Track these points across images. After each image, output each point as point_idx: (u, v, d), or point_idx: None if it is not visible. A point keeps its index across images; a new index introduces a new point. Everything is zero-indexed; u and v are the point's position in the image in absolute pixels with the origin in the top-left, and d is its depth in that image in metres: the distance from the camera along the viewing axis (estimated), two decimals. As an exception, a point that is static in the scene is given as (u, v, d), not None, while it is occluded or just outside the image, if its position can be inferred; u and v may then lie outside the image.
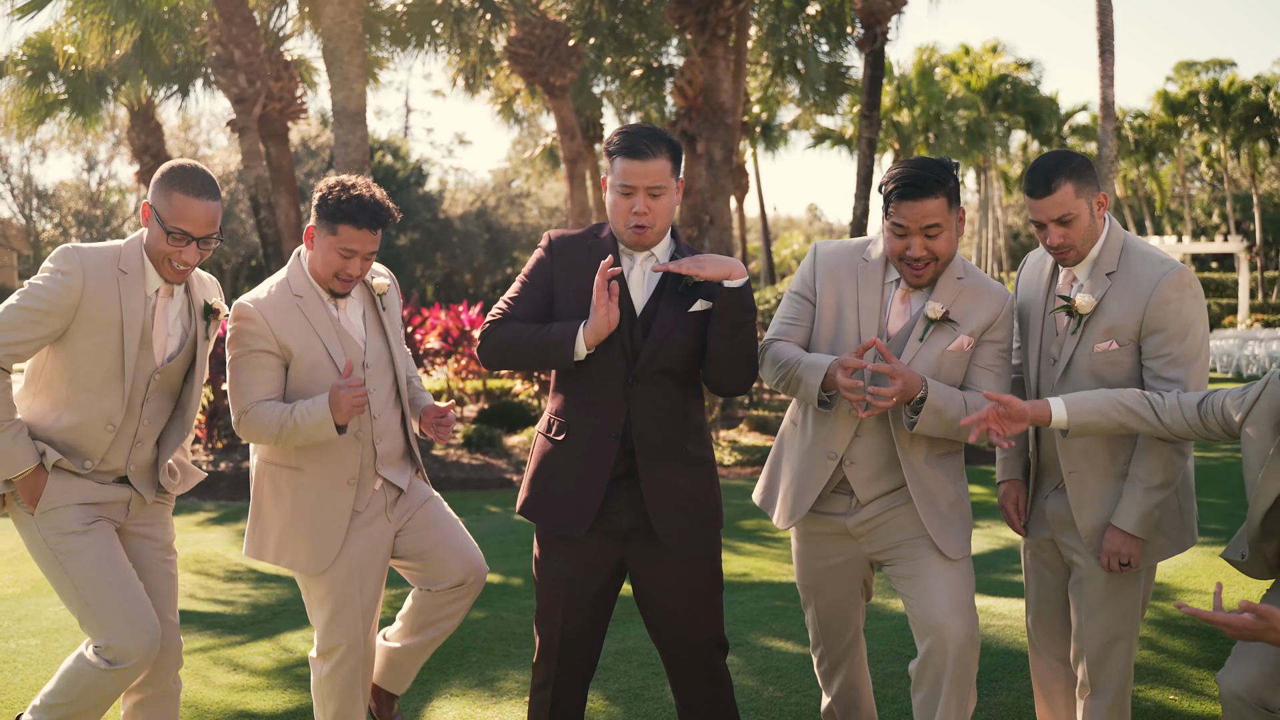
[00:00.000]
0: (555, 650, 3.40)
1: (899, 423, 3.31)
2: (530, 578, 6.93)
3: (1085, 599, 3.40)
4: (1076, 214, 3.27)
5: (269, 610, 6.47)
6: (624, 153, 3.21)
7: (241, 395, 3.48)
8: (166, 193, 3.36)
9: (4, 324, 3.32)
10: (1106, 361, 3.33)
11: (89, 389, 3.43)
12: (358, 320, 3.64)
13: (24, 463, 3.36)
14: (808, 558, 3.60)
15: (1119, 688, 3.40)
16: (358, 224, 3.41)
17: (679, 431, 3.34)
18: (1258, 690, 3.10)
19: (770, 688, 4.82)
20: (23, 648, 5.80)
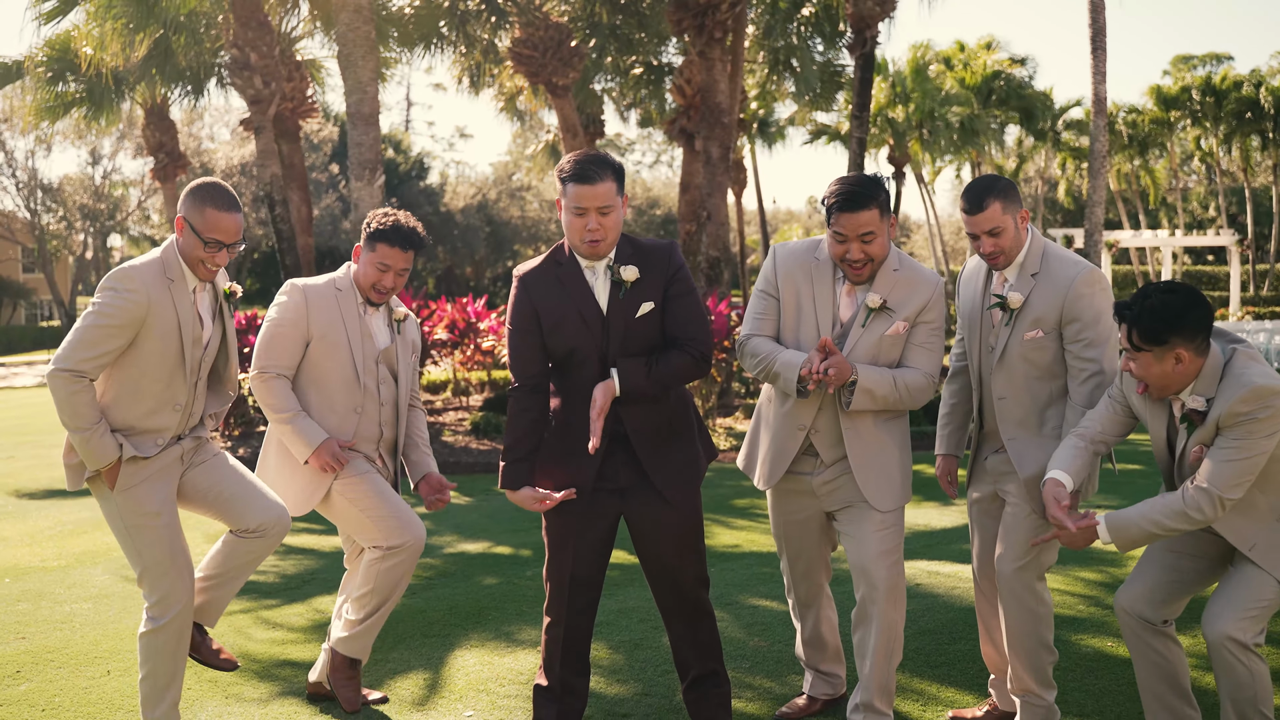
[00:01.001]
0: (565, 593, 3.98)
1: (842, 400, 3.93)
2: (537, 549, 7.51)
3: (1011, 536, 3.99)
4: (1004, 227, 3.88)
5: (298, 578, 7.03)
6: (575, 179, 3.77)
7: (265, 355, 4.34)
8: (199, 208, 3.95)
9: (85, 342, 3.89)
10: (1034, 347, 3.93)
11: (159, 380, 4.02)
12: (382, 327, 4.50)
13: (109, 457, 3.96)
14: (779, 512, 4.24)
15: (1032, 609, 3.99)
16: (392, 243, 4.30)
17: (662, 405, 3.93)
18: (1140, 606, 3.69)
19: (755, 638, 5.42)
20: (77, 610, 6.37)
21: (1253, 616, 3.51)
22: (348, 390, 4.37)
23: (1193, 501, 3.43)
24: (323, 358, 4.34)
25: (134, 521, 4.03)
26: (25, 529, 8.93)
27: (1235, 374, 3.45)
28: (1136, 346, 3.45)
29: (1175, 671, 3.75)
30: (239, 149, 49.56)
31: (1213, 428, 3.47)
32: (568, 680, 4.02)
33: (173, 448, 4.13)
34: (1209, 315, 3.46)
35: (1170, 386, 3.50)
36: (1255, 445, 3.39)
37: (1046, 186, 53.85)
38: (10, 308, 59.39)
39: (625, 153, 59.05)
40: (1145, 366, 3.46)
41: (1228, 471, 3.40)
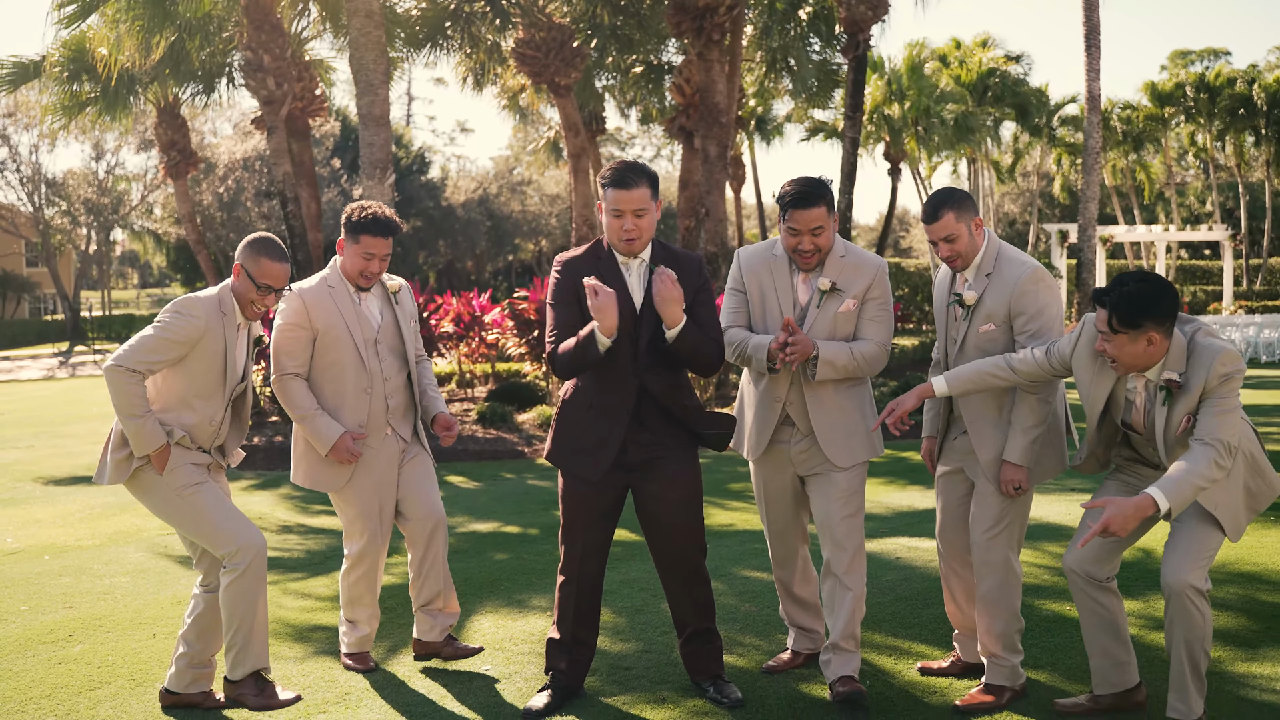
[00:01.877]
0: (578, 555, 4.48)
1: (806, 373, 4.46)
2: (543, 528, 8.00)
3: (980, 510, 4.47)
4: (958, 234, 4.39)
5: (320, 555, 7.53)
6: (614, 184, 4.31)
7: (281, 360, 4.82)
8: (255, 259, 4.55)
9: (146, 348, 4.46)
10: (988, 339, 4.43)
11: (201, 396, 4.59)
12: (375, 309, 4.95)
13: (159, 440, 4.48)
14: (760, 480, 4.77)
15: (1002, 579, 4.45)
16: (374, 233, 4.78)
17: (676, 391, 4.46)
18: (1086, 565, 4.18)
19: (746, 604, 5.93)
20: (117, 584, 6.86)
21: (1205, 564, 3.99)
22: (356, 374, 4.86)
23: (1218, 453, 3.83)
24: (329, 349, 4.84)
25: (185, 491, 4.54)
26: (56, 512, 9.41)
27: (1204, 347, 3.92)
28: (1114, 329, 3.89)
29: (1116, 622, 4.24)
30: (241, 144, 49.90)
31: (1196, 395, 3.91)
32: (578, 633, 4.52)
33: (205, 457, 4.70)
34: (1177, 302, 3.93)
35: (1139, 364, 3.95)
36: (1234, 400, 3.91)
37: (1044, 182, 54.25)
38: (14, 302, 59.72)
39: (626, 147, 59.43)
40: (1120, 347, 3.91)
41: (1228, 422, 3.86)
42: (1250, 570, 6.32)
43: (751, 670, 4.92)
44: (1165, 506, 3.79)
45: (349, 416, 4.86)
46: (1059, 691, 4.57)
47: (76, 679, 5.06)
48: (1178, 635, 3.99)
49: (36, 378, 29.37)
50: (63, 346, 46.46)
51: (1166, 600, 3.99)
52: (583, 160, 20.82)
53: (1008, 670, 4.46)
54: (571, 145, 20.76)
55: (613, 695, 4.66)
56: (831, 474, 4.52)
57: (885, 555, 6.87)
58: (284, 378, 4.83)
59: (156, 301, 78.61)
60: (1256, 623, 5.40)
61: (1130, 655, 4.28)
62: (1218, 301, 40.64)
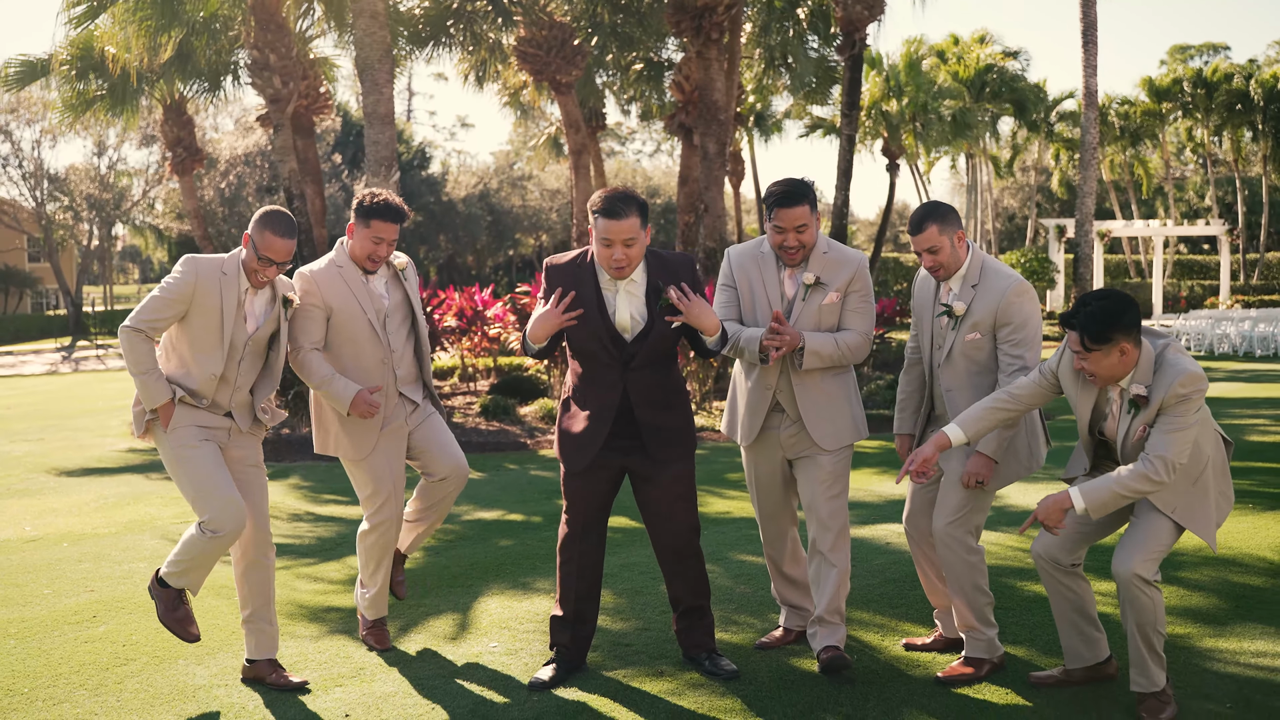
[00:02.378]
0: (578, 534, 4.75)
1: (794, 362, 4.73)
2: (546, 516, 8.26)
3: (945, 497, 4.73)
4: (940, 246, 4.63)
5: (331, 541, 7.79)
6: (604, 214, 4.53)
7: (297, 337, 5.03)
8: (261, 231, 4.75)
9: (149, 308, 4.74)
10: (973, 347, 4.68)
11: (201, 351, 4.81)
12: (382, 287, 5.18)
13: (163, 397, 4.75)
14: (752, 465, 5.04)
15: (964, 560, 4.71)
16: (384, 218, 5.00)
17: (662, 391, 4.74)
18: (1052, 552, 4.44)
19: (741, 586, 6.21)
20: (135, 569, 7.11)
21: (1154, 558, 4.24)
22: (372, 347, 5.11)
23: (1152, 469, 4.08)
24: (344, 325, 5.08)
25: (181, 453, 4.78)
26: (70, 502, 9.65)
27: (1170, 363, 4.16)
28: (1087, 348, 4.14)
29: (1084, 602, 4.50)
30: (242, 140, 50.09)
31: (1155, 409, 4.16)
32: (581, 609, 4.79)
33: (220, 420, 4.89)
34: (1138, 313, 4.18)
35: (1116, 376, 4.20)
36: (1190, 420, 4.11)
37: (1043, 176, 54.46)
38: (16, 297, 59.89)
39: (626, 141, 59.68)
40: (1096, 362, 4.15)
41: (1177, 441, 4.09)
42: (1224, 555, 6.59)
43: (745, 646, 5.18)
44: (1080, 506, 4.15)
45: (372, 385, 5.12)
46: (1037, 665, 4.83)
47: (103, 656, 5.31)
48: (1130, 618, 4.25)
49: (40, 372, 29.57)
50: (65, 342, 46.58)
51: (1118, 587, 4.25)
52: (583, 157, 21.05)
53: (985, 643, 4.72)
54: (572, 142, 21.00)
55: (614, 669, 4.92)
56: (818, 457, 4.78)
57: (876, 540, 7.13)
58: (300, 352, 5.06)
59: (157, 297, 78.68)
60: (1226, 602, 5.68)
61: (1099, 632, 4.54)
62: (1215, 296, 40.88)
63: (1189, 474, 4.26)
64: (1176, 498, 4.25)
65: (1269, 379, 18.61)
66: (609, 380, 4.68)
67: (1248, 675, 4.69)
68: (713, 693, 4.63)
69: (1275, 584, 6.02)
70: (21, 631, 5.75)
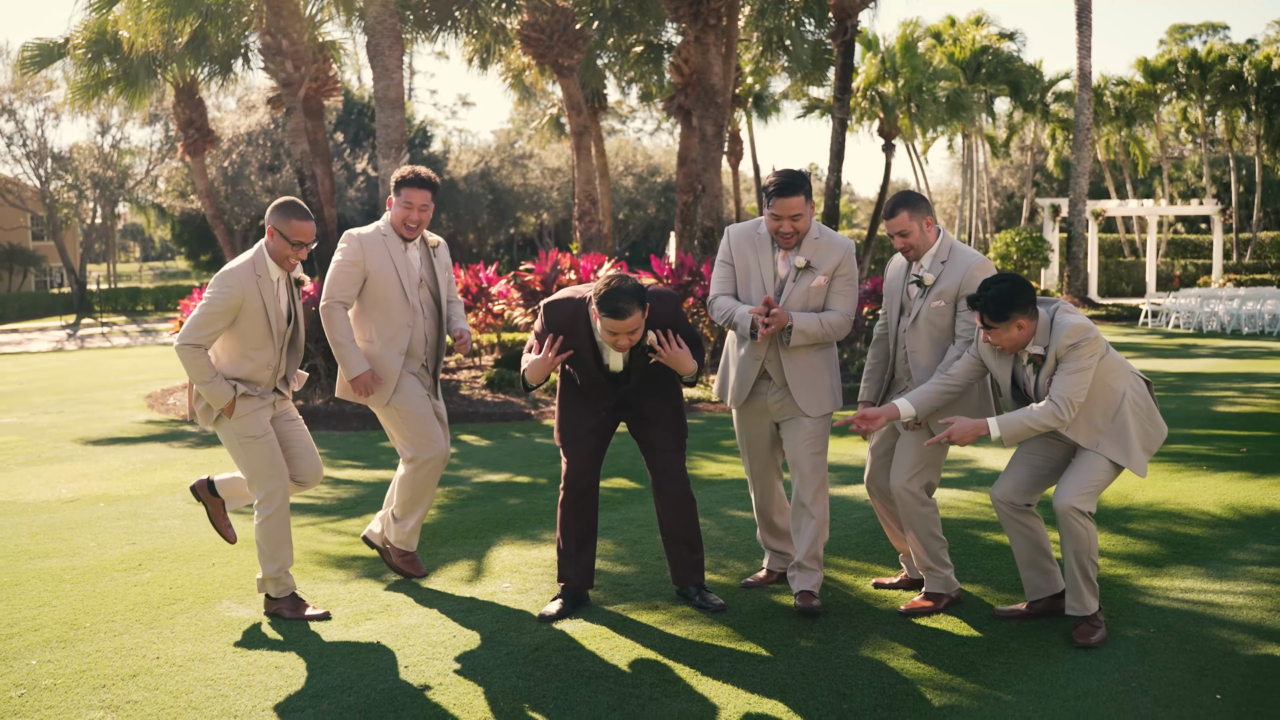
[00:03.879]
0: (576, 461, 5.35)
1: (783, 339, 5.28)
2: (550, 478, 8.84)
3: (901, 457, 5.30)
4: (910, 230, 5.19)
5: (350, 500, 8.37)
6: (608, 314, 4.91)
7: (331, 288, 5.68)
8: (286, 220, 5.34)
9: (199, 324, 5.32)
10: (937, 314, 5.22)
11: (255, 348, 5.44)
12: (415, 259, 5.82)
13: (227, 397, 5.37)
14: (742, 425, 5.60)
15: (920, 511, 5.27)
16: (414, 186, 5.72)
17: (655, 386, 5.36)
18: (1009, 495, 5.02)
19: (731, 536, 6.81)
20: (171, 525, 7.69)
21: (1089, 493, 4.82)
22: (401, 309, 5.74)
23: (1055, 406, 4.73)
24: (379, 287, 5.70)
25: (246, 440, 5.43)
26: (100, 468, 10.22)
27: (1058, 323, 4.80)
28: (987, 325, 4.78)
29: (1039, 539, 5.08)
30: (245, 119, 50.44)
31: (1053, 362, 4.79)
32: (581, 534, 5.38)
33: (269, 395, 5.55)
34: (1033, 294, 4.79)
35: (1018, 345, 4.83)
36: (1083, 363, 4.74)
37: (1041, 156, 54.86)
38: (20, 275, 60.26)
39: (627, 120, 60.02)
40: (998, 336, 4.80)
41: (1071, 383, 4.73)
42: (1171, 509, 7.22)
43: (732, 585, 5.78)
44: (996, 434, 4.81)
45: (395, 345, 5.75)
46: (991, 601, 5.43)
47: (153, 597, 5.90)
48: (1068, 548, 4.85)
49: (46, 349, 29.92)
50: (70, 319, 46.98)
51: (1057, 520, 4.84)
52: (585, 138, 21.53)
53: (942, 579, 5.31)
54: (574, 123, 21.48)
55: (614, 604, 5.52)
56: (801, 420, 5.35)
57: (855, 498, 7.73)
58: (332, 304, 5.67)
59: (159, 274, 79.18)
60: (1165, 549, 6.28)
61: (1054, 566, 5.13)
62: (1208, 275, 41.37)
63: (1105, 412, 4.85)
64: (1098, 434, 4.84)
65: (1251, 355, 19.15)
66: (604, 391, 5.34)
67: (1174, 608, 5.29)
68: (702, 623, 5.23)
69: (1213, 534, 6.62)
70: (75, 577, 6.33)
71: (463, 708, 4.34)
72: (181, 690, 4.58)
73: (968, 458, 9.35)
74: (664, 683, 4.52)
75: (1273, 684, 4.37)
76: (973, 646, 4.85)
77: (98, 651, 5.07)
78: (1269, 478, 8.19)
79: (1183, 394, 13.52)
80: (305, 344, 13.90)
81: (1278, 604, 5.31)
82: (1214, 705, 4.18)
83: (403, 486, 5.92)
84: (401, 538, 6.04)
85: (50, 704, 4.47)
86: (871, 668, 4.62)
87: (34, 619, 5.56)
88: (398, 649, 5.00)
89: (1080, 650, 4.77)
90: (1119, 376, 4.89)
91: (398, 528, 6.02)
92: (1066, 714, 4.13)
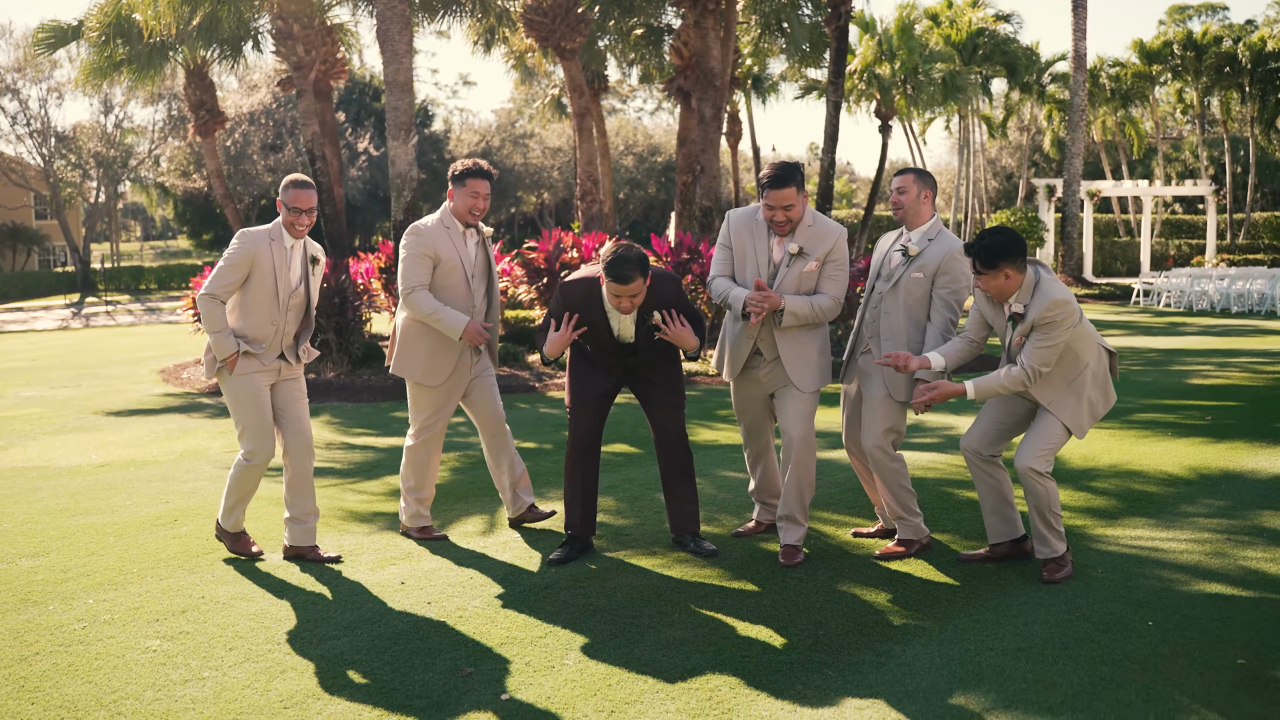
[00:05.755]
0: (581, 436, 5.87)
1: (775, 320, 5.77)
2: (554, 444, 9.36)
3: (869, 418, 5.80)
4: (910, 192, 5.72)
5: (367, 464, 8.90)
6: (614, 279, 5.46)
7: (407, 277, 6.19)
8: (288, 190, 5.95)
9: (219, 275, 5.89)
10: (914, 283, 5.71)
11: (261, 306, 5.97)
12: (473, 249, 6.30)
13: (231, 349, 5.92)
14: (737, 395, 6.12)
15: (889, 465, 5.80)
16: (478, 177, 6.20)
17: (660, 359, 5.87)
18: (976, 445, 5.55)
19: (724, 494, 7.36)
20: (199, 486, 8.22)
21: (1045, 454, 5.34)
22: (462, 296, 6.25)
23: (1022, 373, 5.25)
24: (447, 275, 6.21)
25: (241, 397, 5.99)
26: (125, 436, 10.73)
27: (1042, 289, 5.26)
28: (979, 271, 5.26)
29: (1002, 488, 5.61)
30: (247, 98, 50.77)
31: (1029, 324, 5.28)
32: (585, 485, 5.91)
33: (274, 362, 6.05)
34: (1023, 247, 5.27)
35: (1004, 294, 5.31)
36: (1056, 337, 5.22)
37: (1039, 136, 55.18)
38: (24, 254, 60.58)
39: (627, 100, 60.32)
40: (986, 282, 5.28)
41: (1041, 354, 5.22)
42: (1132, 469, 7.80)
43: (724, 535, 6.34)
44: (972, 394, 5.32)
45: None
46: (959, 547, 5.98)
47: (191, 547, 6.44)
48: (1030, 503, 5.38)
49: (52, 328, 30.20)
50: (74, 298, 47.32)
51: (1020, 479, 5.38)
52: (586, 120, 21.97)
53: (912, 526, 5.84)
54: (576, 105, 21.92)
55: (615, 551, 6.07)
56: (792, 389, 5.82)
57: (841, 461, 8.27)
58: (412, 291, 6.16)
59: (160, 254, 79.48)
60: (1122, 503, 6.84)
61: (1015, 512, 5.66)
62: (1201, 255, 41.82)
63: (1065, 376, 5.36)
64: (1053, 393, 5.36)
65: (1235, 333, 19.65)
66: (613, 362, 5.86)
67: (1124, 553, 5.84)
68: (696, 565, 5.78)
69: (1168, 490, 7.17)
70: (116, 531, 6.87)
71: (482, 635, 4.87)
72: (228, 624, 5.12)
73: (946, 425, 9.89)
74: (660, 615, 5.07)
75: (1200, 613, 4.92)
76: (937, 585, 5.39)
77: (147, 592, 5.60)
78: (1228, 442, 8.74)
79: (1161, 368, 14.05)
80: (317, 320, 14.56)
81: (1216, 549, 5.87)
82: (1145, 630, 4.73)
83: (410, 459, 6.45)
84: (416, 513, 6.55)
85: (111, 635, 5.00)
86: (846, 601, 5.17)
87: (84, 566, 6.10)
88: (421, 588, 5.55)
89: (1034, 587, 5.30)
90: (1087, 348, 5.38)
91: (409, 504, 6.53)
92: (1015, 637, 4.67)
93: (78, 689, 4.39)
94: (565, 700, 4.19)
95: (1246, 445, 8.61)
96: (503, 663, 4.56)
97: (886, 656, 4.49)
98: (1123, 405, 10.69)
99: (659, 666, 4.46)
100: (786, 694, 4.17)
